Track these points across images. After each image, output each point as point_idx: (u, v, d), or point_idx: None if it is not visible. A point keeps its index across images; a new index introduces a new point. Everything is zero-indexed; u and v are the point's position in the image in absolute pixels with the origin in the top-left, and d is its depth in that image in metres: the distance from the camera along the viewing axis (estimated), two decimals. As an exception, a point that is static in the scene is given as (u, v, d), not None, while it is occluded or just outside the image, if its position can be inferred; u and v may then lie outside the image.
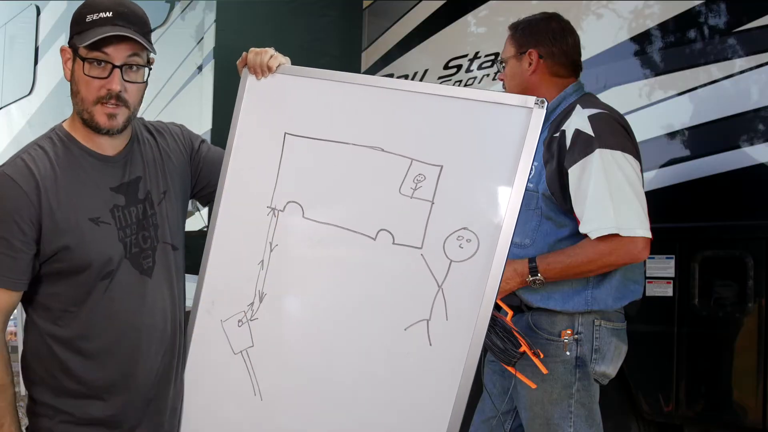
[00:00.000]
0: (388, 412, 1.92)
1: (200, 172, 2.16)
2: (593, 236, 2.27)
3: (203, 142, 2.20)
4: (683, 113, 3.04)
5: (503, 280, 2.13)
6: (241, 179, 2.10)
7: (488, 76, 3.71)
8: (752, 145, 2.86)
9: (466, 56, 3.83)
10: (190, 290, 2.13)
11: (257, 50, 2.08)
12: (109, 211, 1.93)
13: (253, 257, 2.05)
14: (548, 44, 2.50)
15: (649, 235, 2.27)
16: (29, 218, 1.84)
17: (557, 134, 2.39)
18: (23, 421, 1.97)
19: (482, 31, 3.83)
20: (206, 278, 2.11)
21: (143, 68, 1.92)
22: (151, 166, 2.03)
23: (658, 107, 3.10)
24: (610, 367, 2.43)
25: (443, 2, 3.97)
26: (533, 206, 2.42)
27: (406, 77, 4.07)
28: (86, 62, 1.85)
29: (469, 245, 1.84)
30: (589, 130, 2.32)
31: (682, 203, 3.03)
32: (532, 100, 1.81)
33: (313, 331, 2.01)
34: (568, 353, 2.38)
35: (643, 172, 2.40)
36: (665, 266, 2.94)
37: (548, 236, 2.41)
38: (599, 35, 3.27)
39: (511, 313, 2.29)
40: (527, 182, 1.84)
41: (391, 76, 4.13)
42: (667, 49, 3.10)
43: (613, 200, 2.25)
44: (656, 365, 2.97)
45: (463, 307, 1.84)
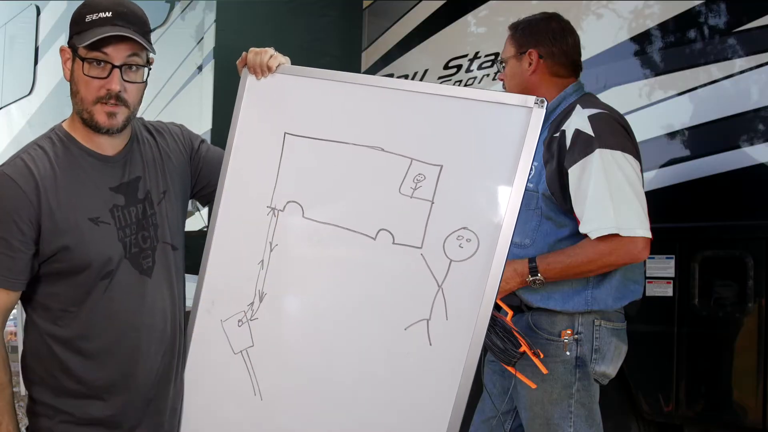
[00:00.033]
0: (388, 412, 1.92)
1: (200, 172, 2.16)
2: (593, 236, 2.27)
3: (203, 142, 2.20)
4: (683, 113, 3.04)
5: (503, 280, 2.13)
6: (241, 179, 2.10)
7: (488, 76, 3.71)
8: (752, 145, 2.86)
9: (466, 56, 3.83)
10: (190, 290, 2.13)
11: (257, 50, 2.08)
12: (108, 211, 1.93)
13: (253, 257, 2.05)
14: (548, 44, 2.50)
15: (649, 235, 2.27)
16: (28, 218, 1.84)
17: (557, 134, 2.39)
18: (23, 421, 1.97)
19: (482, 31, 3.82)
20: (206, 278, 2.11)
21: (143, 68, 1.92)
22: (150, 166, 2.03)
23: (658, 107, 3.10)
24: (610, 367, 2.43)
25: (443, 2, 3.97)
26: (533, 206, 2.42)
27: (406, 77, 4.07)
28: (86, 62, 1.85)
29: (469, 245, 1.84)
30: (589, 130, 2.32)
31: (682, 203, 3.03)
32: (531, 99, 1.81)
33: (313, 330, 2.01)
34: (568, 353, 2.38)
35: (643, 172, 2.39)
36: (665, 266, 2.94)
37: (548, 236, 2.41)
38: (599, 35, 3.27)
39: (511, 313, 2.29)
40: (527, 182, 1.84)
41: (391, 76, 4.13)
42: (667, 49, 3.10)
43: (613, 200, 2.25)
44: (656, 365, 2.96)
45: (463, 306, 1.84)
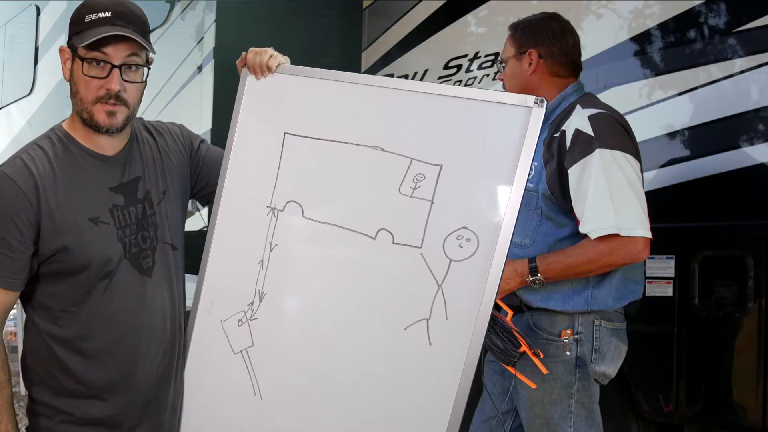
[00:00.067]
0: (388, 412, 1.92)
1: (200, 171, 2.16)
2: (593, 236, 2.26)
3: (203, 142, 2.20)
4: (683, 113, 3.03)
5: (503, 279, 2.13)
6: (240, 179, 2.10)
7: (488, 76, 3.71)
8: (752, 145, 2.85)
9: (466, 56, 3.82)
10: (190, 290, 2.13)
11: (257, 50, 2.08)
12: (108, 210, 1.92)
13: (252, 257, 2.05)
14: (548, 44, 2.50)
15: (649, 235, 2.27)
16: (27, 218, 1.84)
17: (557, 134, 2.39)
18: (23, 421, 1.97)
19: (482, 31, 3.82)
20: (206, 278, 2.11)
21: (142, 68, 1.92)
22: (150, 165, 2.03)
23: (658, 107, 3.10)
24: (610, 367, 2.43)
25: (443, 2, 3.97)
26: (533, 206, 2.42)
27: (406, 77, 4.07)
28: (85, 62, 1.85)
29: (468, 244, 1.84)
30: (589, 130, 2.32)
31: (682, 203, 3.03)
32: (531, 99, 1.81)
33: (312, 330, 2.01)
34: (568, 353, 2.38)
35: (643, 172, 2.39)
36: (665, 266, 2.94)
37: (548, 236, 2.41)
38: (599, 35, 3.27)
39: (511, 313, 2.29)
40: (527, 182, 1.84)
41: (391, 76, 4.13)
42: (667, 49, 3.10)
43: (613, 200, 2.25)
44: (656, 365, 2.96)
45: (462, 306, 1.84)
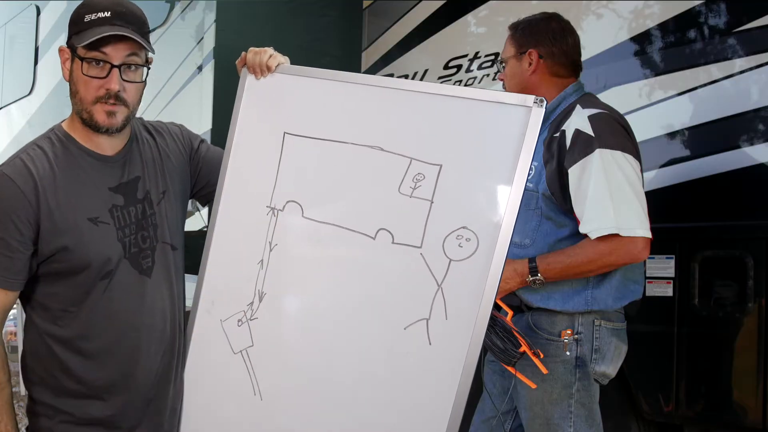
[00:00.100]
0: (387, 411, 1.92)
1: (200, 171, 2.16)
2: (593, 236, 2.26)
3: (203, 142, 2.20)
4: (683, 113, 3.03)
5: (503, 279, 2.13)
6: (240, 179, 2.10)
7: (488, 76, 3.71)
8: (752, 145, 2.85)
9: (466, 56, 3.82)
10: (189, 290, 2.13)
11: (256, 50, 2.08)
12: (108, 211, 1.92)
13: (252, 257, 2.05)
14: (548, 44, 2.50)
15: (649, 235, 2.27)
16: (27, 218, 1.84)
17: (557, 134, 2.39)
18: (23, 421, 1.97)
19: (482, 31, 3.82)
20: (206, 278, 2.11)
21: (142, 68, 1.92)
22: (150, 166, 2.03)
23: (658, 107, 3.10)
24: (610, 367, 2.43)
25: (443, 2, 3.97)
26: (533, 206, 2.42)
27: (406, 77, 4.07)
28: (85, 62, 1.85)
29: (468, 244, 1.84)
30: (589, 130, 2.32)
31: (682, 203, 3.03)
32: (531, 99, 1.81)
33: (312, 330, 2.01)
34: (568, 353, 2.37)
35: (643, 172, 2.39)
36: (665, 266, 2.94)
37: (548, 236, 2.41)
38: (599, 35, 3.27)
39: (511, 313, 2.29)
40: (527, 182, 1.84)
41: (391, 76, 4.13)
42: (667, 49, 3.10)
43: (613, 200, 2.25)
44: (656, 365, 2.96)
45: (462, 306, 1.84)
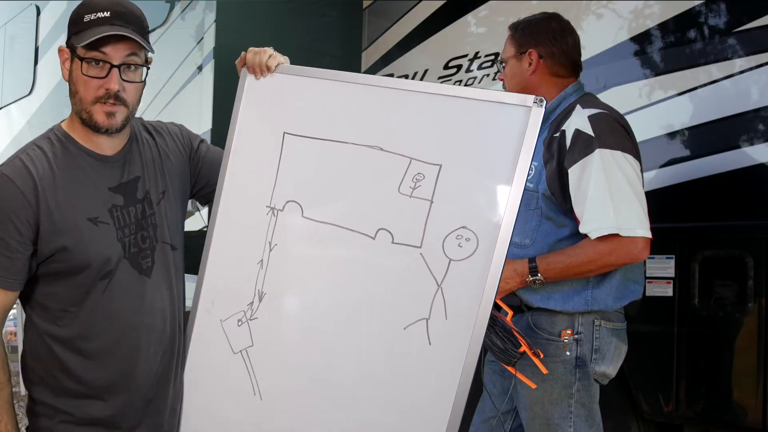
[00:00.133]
0: (387, 411, 1.92)
1: (199, 171, 2.16)
2: (593, 236, 2.26)
3: (202, 141, 2.20)
4: (683, 113, 3.03)
5: (503, 279, 2.13)
6: (240, 179, 2.10)
7: (488, 76, 3.71)
8: (752, 145, 2.85)
9: (466, 56, 3.82)
10: (189, 290, 2.13)
11: (256, 50, 2.08)
12: (107, 211, 1.92)
13: (252, 257, 2.05)
14: (548, 44, 2.50)
15: (649, 235, 2.26)
16: (26, 218, 1.84)
17: (557, 134, 2.39)
18: (23, 421, 1.97)
19: (482, 31, 3.82)
20: (206, 278, 2.11)
21: (141, 68, 1.92)
22: (149, 166, 2.03)
23: (658, 107, 3.10)
24: (610, 367, 2.43)
25: (443, 2, 3.97)
26: (533, 206, 2.41)
27: (406, 77, 4.07)
28: (84, 62, 1.85)
29: (468, 244, 1.84)
30: (589, 130, 2.32)
31: (682, 203, 3.03)
32: (531, 98, 1.81)
33: (312, 330, 2.01)
34: (568, 353, 2.37)
35: (643, 172, 2.39)
36: (665, 266, 2.94)
37: (548, 236, 2.41)
38: (599, 35, 3.27)
39: (511, 313, 2.29)
40: (527, 182, 1.83)
41: (391, 76, 4.13)
42: (667, 49, 3.10)
43: (613, 200, 2.25)
44: (656, 365, 2.96)
45: (462, 306, 1.84)
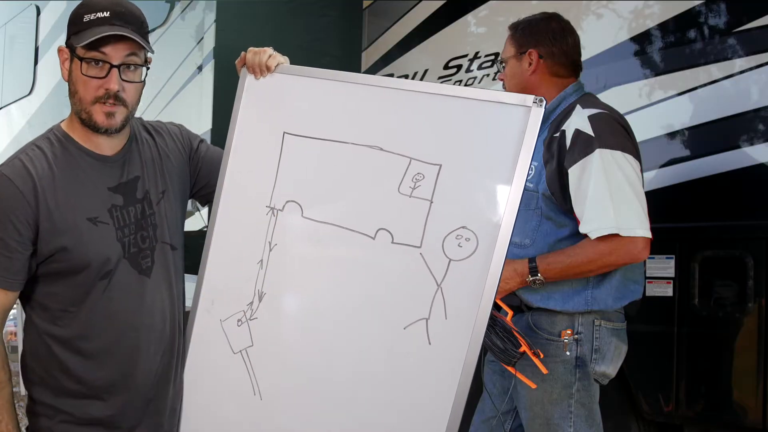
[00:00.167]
0: (387, 411, 1.92)
1: (199, 171, 2.16)
2: (593, 236, 2.26)
3: (202, 141, 2.20)
4: (683, 113, 3.03)
5: (503, 279, 2.13)
6: (240, 179, 2.10)
7: (488, 76, 3.71)
8: (752, 145, 2.85)
9: (466, 56, 3.82)
10: (189, 290, 2.13)
11: (256, 50, 2.08)
12: (107, 210, 1.92)
13: (252, 257, 2.05)
14: (548, 44, 2.50)
15: (649, 235, 2.26)
16: (26, 219, 1.84)
17: (557, 134, 2.39)
18: (23, 421, 1.97)
19: (482, 31, 3.82)
20: (205, 278, 2.11)
21: (141, 68, 1.92)
22: (149, 165, 2.03)
23: (658, 107, 3.10)
24: (610, 367, 2.43)
25: (443, 2, 3.97)
26: (533, 206, 2.41)
27: (406, 77, 4.07)
28: (84, 62, 1.85)
29: (468, 244, 1.83)
30: (589, 130, 2.32)
31: (682, 203, 3.03)
32: (530, 98, 1.81)
33: (312, 330, 2.01)
34: (568, 353, 2.37)
35: (643, 172, 2.39)
36: (665, 266, 2.94)
37: (548, 236, 2.41)
38: (599, 35, 3.27)
39: (511, 313, 2.29)
40: (527, 182, 1.83)
41: (391, 76, 4.13)
42: (667, 49, 3.10)
43: (613, 200, 2.25)
44: (656, 365, 2.96)
45: (462, 305, 1.84)
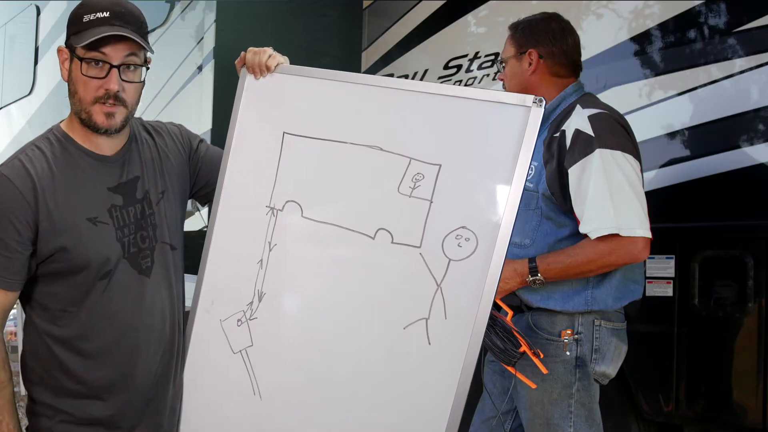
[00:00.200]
0: (387, 411, 1.92)
1: (199, 171, 2.16)
2: (593, 236, 2.26)
3: (202, 141, 2.20)
4: (683, 113, 3.03)
5: (503, 279, 2.13)
6: (240, 179, 2.10)
7: (488, 76, 3.71)
8: (752, 145, 2.85)
9: (466, 56, 3.82)
10: (189, 290, 2.13)
11: (256, 50, 2.08)
12: (106, 210, 1.92)
13: (252, 257, 2.05)
14: (548, 44, 2.50)
15: (649, 235, 2.26)
16: (25, 219, 1.84)
17: (557, 134, 2.39)
18: (23, 421, 1.97)
19: (482, 31, 3.82)
20: (205, 278, 2.11)
21: (141, 68, 1.92)
22: (149, 165, 2.03)
23: (658, 107, 3.10)
24: (610, 367, 2.43)
25: (443, 2, 3.97)
26: (533, 206, 2.41)
27: (406, 77, 4.07)
28: (84, 62, 1.85)
29: (467, 244, 1.83)
30: (589, 130, 2.32)
31: (682, 203, 3.03)
32: (530, 98, 1.81)
33: (312, 330, 2.01)
34: (568, 353, 2.37)
35: (643, 172, 2.39)
36: (665, 266, 2.94)
37: (548, 236, 2.41)
38: (599, 35, 3.27)
39: (511, 313, 2.28)
40: (527, 182, 1.83)
41: (391, 76, 4.13)
42: (667, 49, 3.10)
43: (613, 200, 2.25)
44: (656, 365, 2.96)
45: (461, 305, 1.84)
